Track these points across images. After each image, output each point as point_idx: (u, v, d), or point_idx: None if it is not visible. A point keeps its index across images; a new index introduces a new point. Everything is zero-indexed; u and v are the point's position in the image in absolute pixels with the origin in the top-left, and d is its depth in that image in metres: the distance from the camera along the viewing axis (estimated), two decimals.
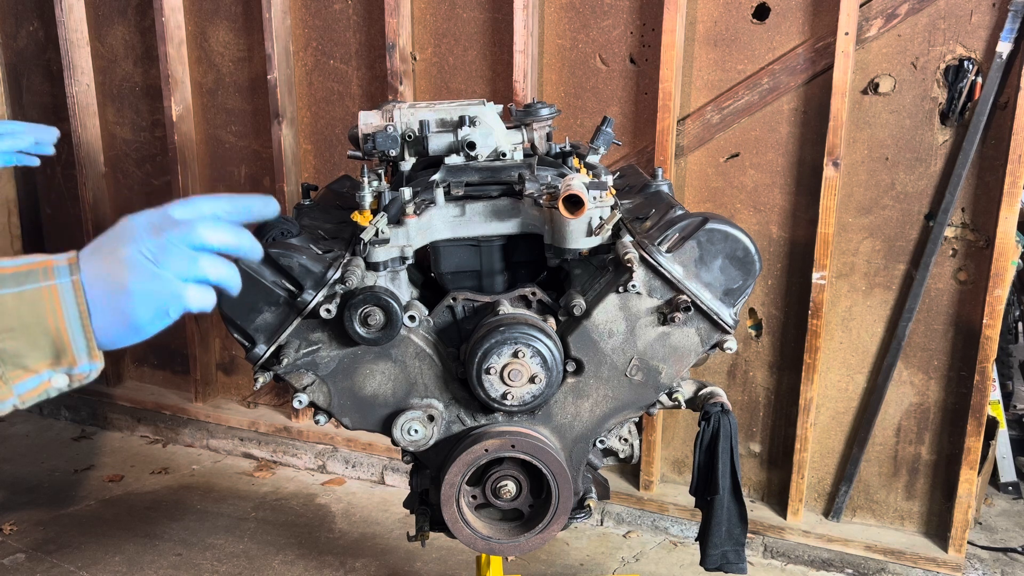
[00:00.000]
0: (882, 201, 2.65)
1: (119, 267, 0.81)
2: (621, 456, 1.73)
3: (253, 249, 0.89)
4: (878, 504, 2.87)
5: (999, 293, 2.52)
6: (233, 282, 0.88)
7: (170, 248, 0.82)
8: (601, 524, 3.10)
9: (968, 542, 2.78)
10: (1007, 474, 3.25)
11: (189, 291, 0.83)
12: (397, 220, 1.55)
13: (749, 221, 2.78)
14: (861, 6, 2.50)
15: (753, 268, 1.54)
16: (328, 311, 1.49)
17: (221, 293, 0.89)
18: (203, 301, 0.85)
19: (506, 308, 1.58)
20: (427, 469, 1.69)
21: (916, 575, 2.74)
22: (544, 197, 1.57)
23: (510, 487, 1.59)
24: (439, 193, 1.60)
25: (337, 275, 1.50)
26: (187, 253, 0.83)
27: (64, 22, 3.50)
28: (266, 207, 0.92)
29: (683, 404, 1.68)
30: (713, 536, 1.68)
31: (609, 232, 1.54)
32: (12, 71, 3.86)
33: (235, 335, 1.55)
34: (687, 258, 1.52)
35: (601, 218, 1.53)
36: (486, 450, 1.53)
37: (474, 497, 1.61)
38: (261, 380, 1.55)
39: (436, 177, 1.65)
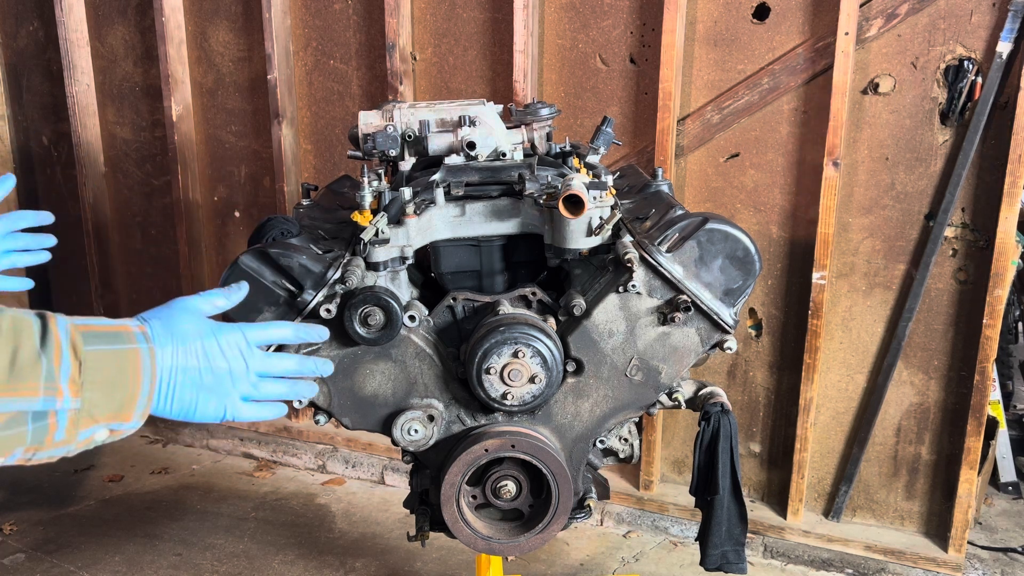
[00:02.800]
0: (882, 201, 2.65)
1: (201, 373, 0.98)
2: (621, 456, 1.73)
3: (314, 371, 1.12)
4: (878, 504, 2.87)
5: (999, 293, 2.52)
6: (286, 397, 1.09)
7: (243, 377, 1.02)
8: (601, 524, 3.10)
9: (968, 542, 2.78)
10: (1007, 474, 3.25)
11: (245, 409, 1.04)
12: (397, 220, 1.55)
13: (749, 221, 2.78)
14: (861, 6, 2.50)
15: (753, 268, 1.54)
16: (328, 311, 1.49)
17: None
18: (255, 415, 1.05)
19: (506, 308, 1.58)
20: (427, 469, 1.69)
21: (916, 575, 2.74)
22: (544, 197, 1.57)
23: (510, 487, 1.59)
24: (439, 193, 1.60)
25: (337, 275, 1.50)
26: (255, 380, 1.03)
27: (64, 22, 3.50)
28: (318, 333, 1.15)
29: (683, 404, 1.68)
30: (713, 536, 1.68)
31: (609, 232, 1.54)
32: (12, 71, 3.86)
33: None
34: (687, 258, 1.52)
35: (601, 218, 1.53)
36: (486, 450, 1.53)
37: (474, 497, 1.61)
38: None
39: (436, 177, 1.65)
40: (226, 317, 1.55)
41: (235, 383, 1.01)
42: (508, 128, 1.78)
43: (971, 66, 2.46)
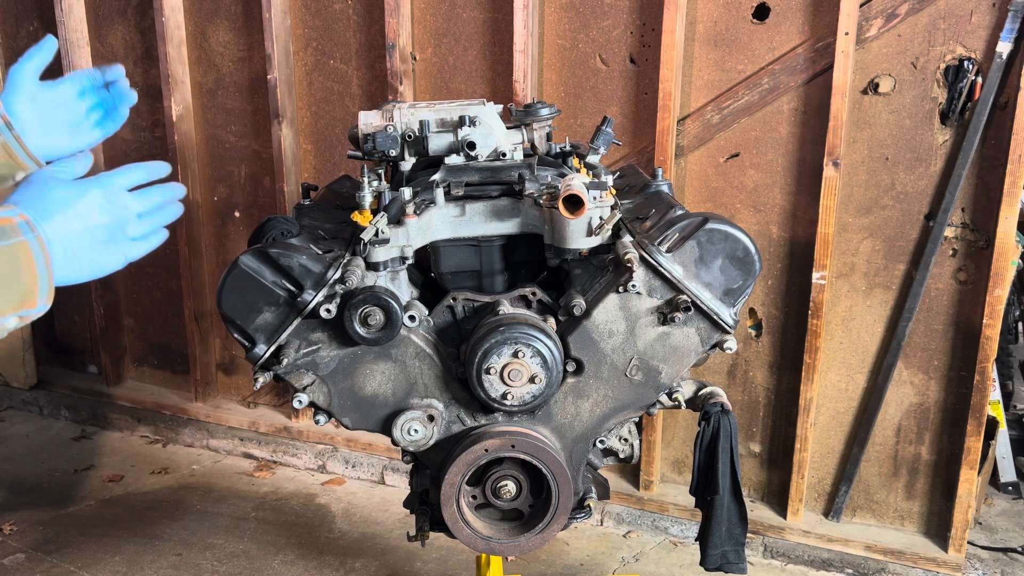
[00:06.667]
0: (882, 201, 2.65)
1: (93, 234, 1.02)
2: (621, 456, 1.73)
3: (174, 194, 1.15)
4: (878, 504, 2.87)
5: (999, 293, 2.52)
6: (163, 224, 1.14)
7: (128, 222, 1.07)
8: (601, 524, 3.10)
9: (968, 542, 2.78)
10: (1007, 474, 3.25)
11: (136, 248, 1.09)
12: (397, 220, 1.55)
13: (749, 221, 2.78)
14: (861, 6, 2.50)
15: (753, 268, 1.54)
16: (328, 311, 1.49)
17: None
18: (146, 250, 1.10)
19: (506, 308, 1.58)
20: (427, 469, 1.69)
21: (916, 575, 2.74)
22: (544, 197, 1.57)
23: (510, 487, 1.59)
24: (439, 193, 1.60)
25: (337, 275, 1.50)
26: (136, 221, 1.08)
27: (64, 22, 3.50)
28: (161, 169, 1.17)
29: (683, 404, 1.68)
30: (713, 536, 1.68)
31: (609, 232, 1.54)
32: None
33: (235, 335, 1.55)
34: (687, 258, 1.52)
35: (601, 218, 1.53)
36: (486, 450, 1.53)
37: (474, 497, 1.61)
38: (261, 380, 1.55)
39: (436, 177, 1.65)
40: (224, 317, 1.55)
41: (124, 230, 1.06)
42: (508, 128, 1.78)
43: (971, 66, 2.46)
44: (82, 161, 1.14)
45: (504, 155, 1.72)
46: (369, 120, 1.79)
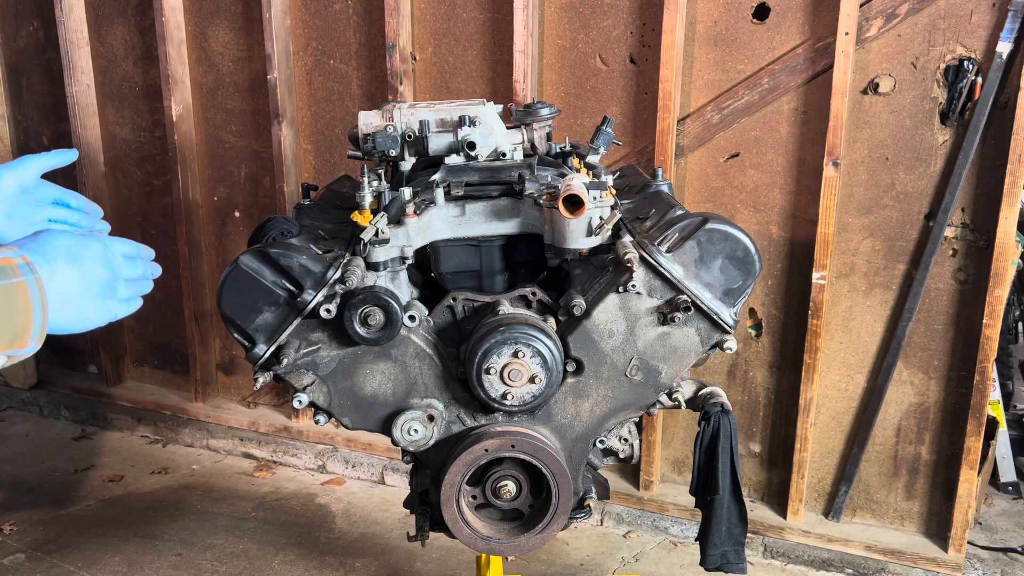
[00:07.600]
0: (882, 201, 2.65)
1: (89, 286, 1.06)
2: (621, 456, 1.73)
3: (154, 273, 1.22)
4: (878, 504, 2.87)
5: (999, 293, 2.52)
6: (142, 293, 1.20)
7: (119, 283, 1.11)
8: (601, 524, 3.10)
9: (968, 542, 2.78)
10: (1007, 474, 3.25)
11: (121, 308, 1.13)
12: (397, 220, 1.55)
13: (749, 221, 2.78)
14: (861, 6, 2.50)
15: (753, 268, 1.54)
16: (328, 311, 1.49)
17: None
18: (127, 311, 1.15)
19: (506, 308, 1.58)
20: (427, 469, 1.69)
21: (916, 575, 2.74)
22: (544, 197, 1.57)
23: (510, 487, 1.59)
24: (439, 193, 1.60)
25: (337, 275, 1.50)
26: (124, 284, 1.13)
27: (64, 22, 3.50)
28: (149, 252, 1.22)
29: (683, 404, 1.68)
30: (713, 536, 1.68)
31: (609, 232, 1.54)
32: (12, 71, 3.86)
33: (235, 335, 1.55)
34: (687, 258, 1.52)
35: (601, 218, 1.53)
36: (486, 450, 1.53)
37: (474, 497, 1.61)
38: (261, 380, 1.55)
39: (436, 177, 1.65)
40: (224, 317, 1.55)
41: (115, 289, 1.10)
42: (508, 128, 1.78)
43: (971, 66, 2.46)
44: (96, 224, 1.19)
45: (504, 155, 1.72)
46: (369, 120, 1.79)
